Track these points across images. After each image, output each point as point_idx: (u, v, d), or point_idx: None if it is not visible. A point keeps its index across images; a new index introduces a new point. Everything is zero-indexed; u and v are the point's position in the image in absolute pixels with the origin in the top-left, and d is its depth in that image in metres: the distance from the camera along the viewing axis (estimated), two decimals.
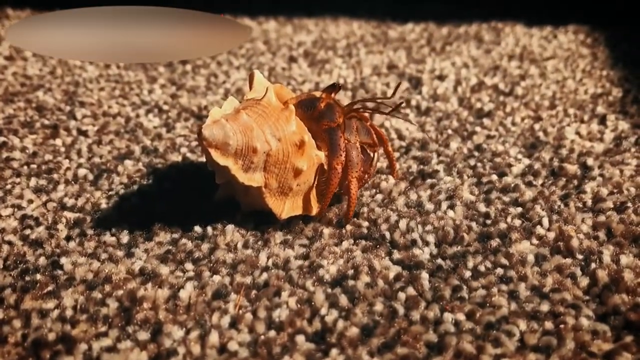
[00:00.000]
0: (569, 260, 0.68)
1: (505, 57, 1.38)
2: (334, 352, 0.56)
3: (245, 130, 0.69)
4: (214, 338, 0.57)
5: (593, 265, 0.67)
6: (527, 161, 0.90)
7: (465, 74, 1.27)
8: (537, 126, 1.02)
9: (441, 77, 1.25)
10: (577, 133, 0.99)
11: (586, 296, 0.64)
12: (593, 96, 1.14)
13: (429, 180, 0.85)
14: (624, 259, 0.67)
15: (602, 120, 1.04)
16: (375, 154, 0.78)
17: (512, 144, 0.96)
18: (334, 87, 0.75)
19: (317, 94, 0.77)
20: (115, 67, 1.34)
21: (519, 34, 1.56)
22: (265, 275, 0.66)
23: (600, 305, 0.62)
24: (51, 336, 0.58)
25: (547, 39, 1.51)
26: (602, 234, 0.73)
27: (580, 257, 0.69)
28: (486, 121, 1.05)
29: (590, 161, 0.89)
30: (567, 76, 1.25)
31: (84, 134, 1.01)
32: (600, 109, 1.08)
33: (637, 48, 1.40)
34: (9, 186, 0.85)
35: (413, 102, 1.12)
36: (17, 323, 0.60)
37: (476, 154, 0.93)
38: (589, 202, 0.79)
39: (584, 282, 0.65)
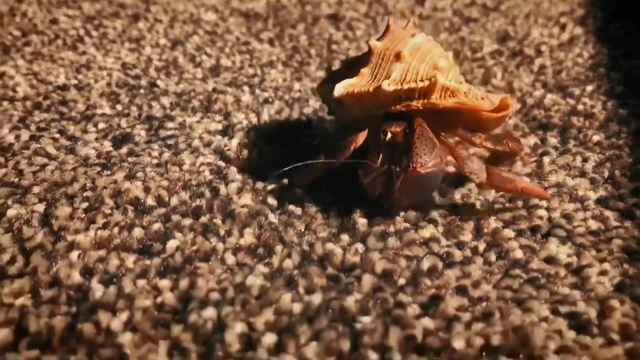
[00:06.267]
0: (509, 95, 0.98)
1: None
2: None
3: None
4: (265, 117, 0.88)
5: (526, 97, 0.96)
6: (495, 46, 1.19)
7: None
8: (510, 28, 1.31)
9: None
10: (541, 34, 1.28)
11: (517, 114, 0.93)
12: (562, 13, 1.42)
13: None
14: (549, 96, 0.97)
15: (563, 27, 1.32)
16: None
17: (487, 37, 1.25)
18: None
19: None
20: None
21: None
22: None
23: (524, 117, 0.92)
24: (157, 112, 0.89)
25: None
26: (538, 85, 1.02)
27: (518, 94, 0.98)
28: (471, 24, 1.33)
29: (544, 48, 1.18)
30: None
31: (159, 21, 1.32)
32: (563, 20, 1.36)
33: None
34: (108, 47, 1.16)
35: (417, 12, 1.41)
36: (133, 107, 0.91)
37: (458, 42, 1.23)
38: (535, 69, 1.08)
39: (516, 107, 0.95)
